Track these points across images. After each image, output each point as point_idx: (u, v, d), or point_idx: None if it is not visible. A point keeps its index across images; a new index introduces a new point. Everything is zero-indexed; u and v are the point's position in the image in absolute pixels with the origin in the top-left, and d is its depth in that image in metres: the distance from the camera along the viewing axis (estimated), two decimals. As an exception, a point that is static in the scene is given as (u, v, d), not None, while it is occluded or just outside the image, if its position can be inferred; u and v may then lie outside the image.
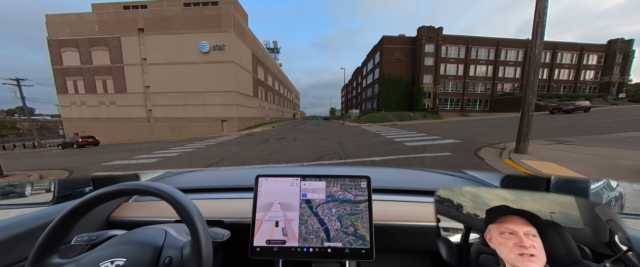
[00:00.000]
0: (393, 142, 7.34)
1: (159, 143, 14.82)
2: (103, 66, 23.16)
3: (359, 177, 0.72)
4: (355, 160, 5.14)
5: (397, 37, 32.25)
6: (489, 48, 32.48)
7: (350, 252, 0.66)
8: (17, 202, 1.05)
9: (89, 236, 0.61)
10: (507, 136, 7.43)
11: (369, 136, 10.15)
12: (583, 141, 5.60)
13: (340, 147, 7.19)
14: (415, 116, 25.21)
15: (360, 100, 51.49)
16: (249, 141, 11.11)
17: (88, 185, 1.09)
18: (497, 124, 13.41)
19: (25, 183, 1.17)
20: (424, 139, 7.80)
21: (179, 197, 0.53)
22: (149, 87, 23.20)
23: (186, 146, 10.85)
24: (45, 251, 0.50)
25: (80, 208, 0.52)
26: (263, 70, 32.18)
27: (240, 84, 23.70)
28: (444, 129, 11.24)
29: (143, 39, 22.18)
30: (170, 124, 23.70)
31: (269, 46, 64.99)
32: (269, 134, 15.28)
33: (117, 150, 11.74)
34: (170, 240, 0.59)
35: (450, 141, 6.81)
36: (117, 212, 0.94)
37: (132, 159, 7.61)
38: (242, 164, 5.50)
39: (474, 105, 34.37)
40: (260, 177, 0.74)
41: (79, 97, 24.17)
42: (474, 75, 33.48)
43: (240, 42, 23.32)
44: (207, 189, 1.10)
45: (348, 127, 17.88)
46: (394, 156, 5.15)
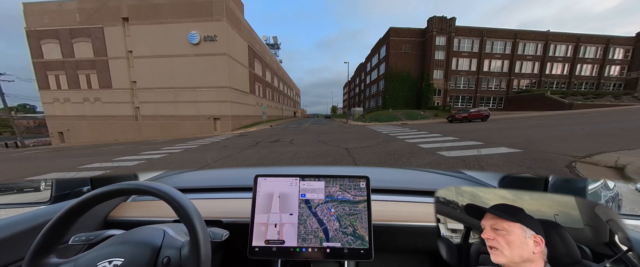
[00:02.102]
0: (423, 151, 5.32)
1: (139, 144, 12.98)
2: (86, 59, 21.32)
3: (358, 178, 0.71)
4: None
5: (406, 29, 29.86)
6: (506, 41, 29.94)
7: (349, 252, 0.66)
8: (15, 201, 1.03)
9: (86, 236, 0.61)
10: (572, 142, 5.30)
11: (383, 139, 8.12)
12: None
13: (350, 156, 5.20)
14: (426, 115, 23.07)
15: (363, 97, 49.39)
16: (236, 144, 9.19)
17: (86, 184, 1.07)
18: (531, 125, 11.23)
19: (22, 182, 1.28)
20: (460, 146, 5.77)
21: (178, 197, 0.53)
22: (135, 82, 21.35)
23: (162, 150, 8.98)
24: (42, 250, 0.50)
25: (78, 207, 0.52)
26: (261, 65, 30.14)
27: (234, 79, 21.73)
28: (472, 131, 9.16)
29: (128, 29, 20.27)
30: (160, 122, 21.88)
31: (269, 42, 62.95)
32: (263, 134, 13.35)
33: (53, 156, 9.86)
34: (168, 240, 0.58)
35: (503, 151, 4.75)
36: (115, 212, 0.94)
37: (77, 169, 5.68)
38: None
39: (487, 103, 31.98)
40: (259, 177, 0.73)
41: (61, 94, 22.42)
42: (488, 71, 31.04)
43: (234, 32, 21.28)
44: (206, 189, 1.09)
45: (353, 127, 15.85)
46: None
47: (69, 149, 13.84)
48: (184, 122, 21.50)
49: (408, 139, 7.52)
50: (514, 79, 31.44)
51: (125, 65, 21.01)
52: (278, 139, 10.07)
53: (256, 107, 27.83)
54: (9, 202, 1.03)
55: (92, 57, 21.18)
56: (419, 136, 8.53)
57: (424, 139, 7.34)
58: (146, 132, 22.19)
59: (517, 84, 31.71)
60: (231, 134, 16.99)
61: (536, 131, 7.96)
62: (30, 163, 8.11)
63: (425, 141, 6.87)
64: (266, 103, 32.43)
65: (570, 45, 30.25)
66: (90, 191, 0.55)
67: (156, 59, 20.46)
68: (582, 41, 29.85)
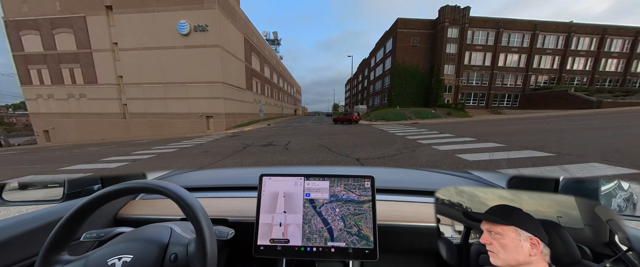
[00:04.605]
0: (464, 163, 3.50)
1: (118, 146, 11.38)
2: (69, 52, 19.72)
3: (363, 177, 0.71)
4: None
5: (414, 20, 27.68)
6: (524, 33, 27.59)
7: (354, 252, 0.66)
8: (29, 199, 1.07)
9: (97, 233, 0.63)
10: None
11: (402, 144, 6.32)
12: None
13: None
14: (438, 113, 21.10)
15: (366, 95, 47.37)
16: (220, 149, 7.48)
17: (97, 183, 1.08)
18: (571, 128, 9.31)
19: (36, 182, 1.31)
20: (523, 158, 3.93)
21: (185, 195, 0.54)
22: (122, 77, 19.73)
23: (132, 154, 7.36)
24: (55, 247, 0.52)
25: (89, 205, 0.53)
26: (258, 59, 28.30)
27: (228, 74, 19.97)
28: (513, 134, 7.29)
29: (112, 18, 18.59)
30: (149, 120, 20.29)
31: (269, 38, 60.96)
32: (257, 135, 11.63)
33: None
34: (175, 237, 0.59)
35: (585, 164, 2.92)
36: (124, 210, 0.96)
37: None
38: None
39: (500, 101, 29.81)
40: (264, 176, 0.74)
41: (45, 89, 20.91)
42: (503, 66, 28.78)
43: (227, 22, 19.46)
44: (212, 188, 1.10)
45: (358, 127, 14.02)
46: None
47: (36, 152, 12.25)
48: (175, 120, 19.88)
49: (437, 146, 5.70)
50: (532, 75, 29.13)
51: (111, 58, 19.37)
52: (271, 142, 8.33)
53: (253, 105, 26.07)
54: (24, 199, 1.07)
55: (75, 50, 19.57)
56: (444, 139, 6.71)
57: (457, 146, 5.51)
58: (135, 130, 20.63)
59: (535, 81, 29.42)
60: (223, 133, 15.32)
61: (588, 135, 6.05)
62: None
63: (462, 150, 5.05)
64: (264, 100, 30.66)
65: (595, 38, 27.80)
66: (100, 189, 0.56)
67: (143, 52, 18.78)
68: (609, 33, 27.36)
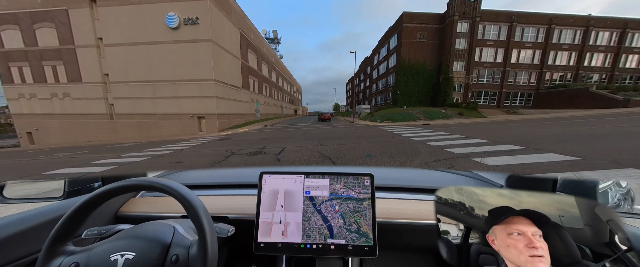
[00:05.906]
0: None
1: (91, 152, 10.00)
2: (51, 48, 18.39)
3: (363, 175, 0.71)
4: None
5: (421, 14, 26.03)
6: (539, 27, 25.85)
7: (353, 249, 0.66)
8: (30, 196, 1.06)
9: (98, 230, 0.63)
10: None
11: (426, 155, 4.79)
12: None
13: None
14: (449, 113, 19.50)
15: (369, 94, 45.75)
16: (197, 159, 6.02)
17: (97, 181, 1.08)
18: (616, 131, 7.73)
19: (38, 180, 1.05)
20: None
21: (186, 193, 0.54)
22: (108, 75, 18.37)
23: (91, 164, 5.86)
24: (57, 243, 0.52)
25: (91, 202, 0.54)
26: (256, 57, 26.84)
27: (222, 71, 18.53)
28: (557, 140, 5.72)
29: (96, 11, 17.22)
30: (137, 121, 18.92)
31: (268, 36, 59.53)
32: (250, 139, 10.15)
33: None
34: (178, 237, 0.59)
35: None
36: (124, 208, 0.95)
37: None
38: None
39: (513, 100, 28.10)
40: (264, 174, 0.74)
41: (27, 88, 19.62)
42: (516, 62, 27.06)
43: (221, 15, 18.01)
44: (213, 186, 1.11)
45: (364, 129, 12.48)
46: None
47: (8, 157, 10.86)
48: (165, 122, 18.48)
49: (478, 156, 4.16)
50: (547, 72, 27.37)
51: (95, 54, 18.01)
52: (262, 149, 6.85)
53: (250, 104, 24.62)
54: (26, 197, 1.05)
55: (58, 46, 18.23)
56: (479, 147, 5.16)
57: (509, 159, 3.96)
58: (123, 132, 19.27)
59: (549, 78, 27.65)
60: (214, 136, 13.88)
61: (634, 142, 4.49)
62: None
63: (523, 165, 3.51)
64: (262, 100, 29.21)
65: (615, 32, 26.00)
66: (101, 187, 0.56)
67: (130, 48, 17.39)
68: (630, 27, 25.56)
